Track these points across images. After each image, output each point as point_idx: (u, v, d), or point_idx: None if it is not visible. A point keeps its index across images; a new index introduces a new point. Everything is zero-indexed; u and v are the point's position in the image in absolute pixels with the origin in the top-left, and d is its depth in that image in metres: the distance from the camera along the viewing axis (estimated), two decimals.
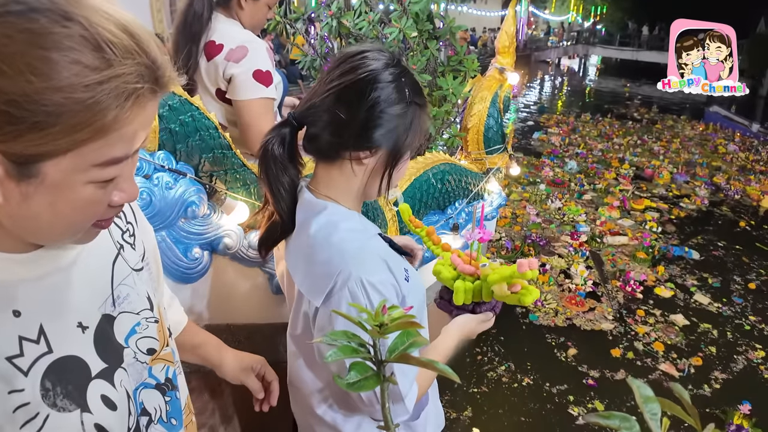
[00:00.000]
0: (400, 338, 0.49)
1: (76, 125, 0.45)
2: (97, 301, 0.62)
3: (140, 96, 0.49)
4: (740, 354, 3.08)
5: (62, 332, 0.57)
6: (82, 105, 0.45)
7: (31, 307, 0.55)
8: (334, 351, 0.45)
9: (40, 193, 0.48)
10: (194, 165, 1.26)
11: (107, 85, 0.46)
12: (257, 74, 1.47)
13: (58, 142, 0.46)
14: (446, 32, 2.12)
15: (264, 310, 1.48)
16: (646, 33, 24.12)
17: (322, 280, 0.86)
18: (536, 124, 9.25)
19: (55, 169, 0.47)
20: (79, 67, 0.44)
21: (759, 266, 4.20)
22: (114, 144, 0.49)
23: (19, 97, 0.43)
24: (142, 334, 0.67)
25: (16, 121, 0.43)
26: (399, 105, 0.87)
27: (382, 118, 0.86)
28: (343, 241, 0.87)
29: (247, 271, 1.41)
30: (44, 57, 0.43)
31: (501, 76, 2.34)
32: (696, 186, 6.05)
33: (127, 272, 0.67)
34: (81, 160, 0.48)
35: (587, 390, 2.74)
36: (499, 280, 0.94)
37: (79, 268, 0.60)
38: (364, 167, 0.90)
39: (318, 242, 0.88)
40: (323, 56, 2.26)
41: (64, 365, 0.57)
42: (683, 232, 4.79)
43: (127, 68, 0.47)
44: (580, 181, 5.86)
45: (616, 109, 11.10)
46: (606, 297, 3.57)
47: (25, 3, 0.44)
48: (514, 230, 4.52)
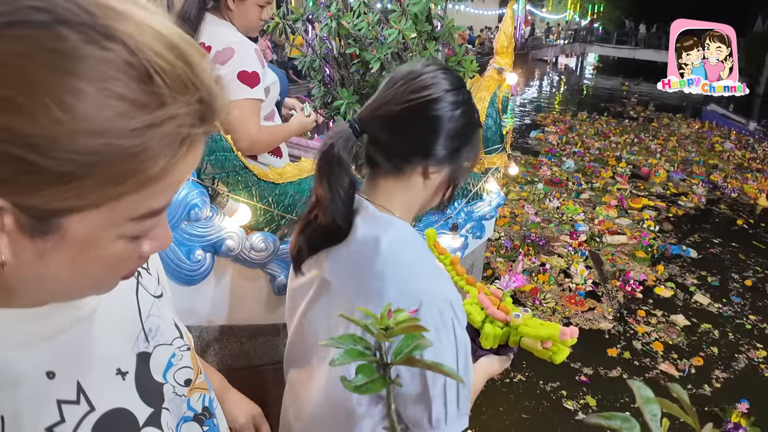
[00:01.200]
0: (405, 341, 0.50)
1: (116, 178, 0.36)
2: (129, 341, 0.56)
3: (196, 140, 0.40)
4: (741, 353, 3.10)
5: (102, 385, 0.51)
6: (126, 153, 0.35)
7: (64, 365, 0.47)
8: (341, 354, 0.47)
9: (60, 250, 0.39)
10: (196, 168, 1.26)
11: (159, 129, 0.36)
12: (242, 75, 1.48)
13: (88, 196, 0.36)
14: (445, 33, 2.13)
15: (266, 310, 1.49)
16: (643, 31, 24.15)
17: (398, 299, 0.81)
18: (533, 122, 9.27)
19: (81, 224, 0.38)
20: (124, 105, 0.34)
21: (755, 263, 4.23)
22: (158, 195, 0.40)
23: (43, 141, 0.33)
24: (178, 365, 0.62)
25: (38, 170, 0.33)
26: (468, 125, 0.90)
27: (456, 136, 0.89)
28: (420, 263, 0.88)
29: (249, 273, 1.42)
30: (77, 89, 0.33)
31: (499, 77, 2.35)
32: (693, 184, 6.07)
33: (151, 301, 0.61)
34: (115, 215, 0.39)
35: (580, 386, 2.75)
36: (534, 338, 0.96)
37: (103, 309, 0.53)
38: (430, 182, 0.91)
39: (390, 260, 0.84)
40: (322, 57, 2.27)
41: (110, 421, 0.50)
42: (680, 231, 4.82)
43: (182, 107, 0.37)
44: (578, 180, 5.88)
45: (612, 108, 11.12)
46: (606, 297, 3.59)
47: (50, 11, 0.33)
48: (513, 230, 4.54)
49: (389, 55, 2.02)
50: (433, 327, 0.80)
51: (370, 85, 2.17)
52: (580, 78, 19.14)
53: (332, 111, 2.21)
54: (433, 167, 0.89)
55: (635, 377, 2.84)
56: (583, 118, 9.56)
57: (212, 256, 1.33)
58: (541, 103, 12.11)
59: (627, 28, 26.89)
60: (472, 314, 1.03)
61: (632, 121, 9.64)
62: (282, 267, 1.44)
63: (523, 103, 11.71)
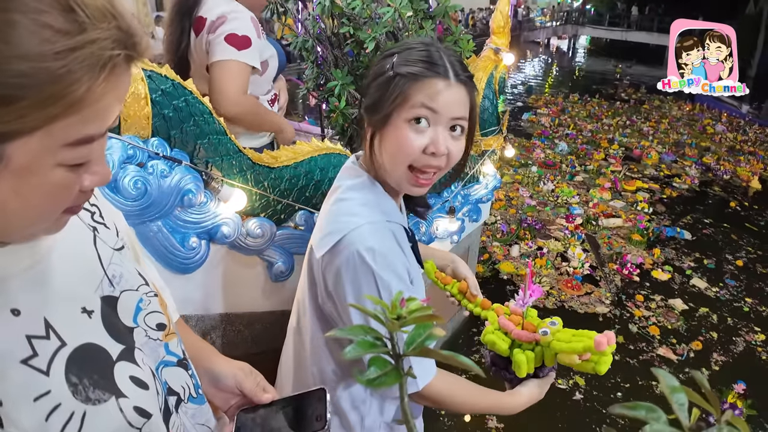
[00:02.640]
0: (416, 331, 0.48)
1: (47, 99, 0.40)
2: (92, 285, 0.58)
3: (116, 65, 0.43)
4: (740, 336, 3.11)
5: (69, 322, 0.53)
6: (53, 75, 0.39)
7: (28, 303, 0.50)
8: (353, 347, 0.44)
9: (4, 179, 0.42)
10: (189, 152, 1.22)
11: (80, 52, 0.40)
12: (230, 37, 1.46)
13: (25, 120, 0.40)
14: (441, 12, 2.08)
15: (263, 298, 1.47)
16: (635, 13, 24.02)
17: (331, 236, 0.88)
18: (525, 105, 9.23)
19: (22, 151, 0.41)
20: (48, 32, 0.39)
21: (747, 244, 4.26)
22: (87, 120, 0.43)
23: (23, 63, 0.37)
24: (147, 309, 0.64)
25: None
26: (383, 76, 0.90)
27: (370, 89, 0.92)
28: (361, 206, 0.91)
29: (246, 260, 1.39)
30: (7, 20, 0.37)
31: (496, 57, 2.31)
32: (686, 166, 6.09)
33: (110, 252, 0.63)
34: (51, 140, 0.42)
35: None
36: (569, 353, 0.87)
37: (60, 253, 0.55)
38: (367, 142, 0.93)
39: (338, 200, 0.94)
40: (315, 37, 2.21)
41: (84, 354, 0.53)
42: (674, 212, 4.84)
43: (101, 33, 0.41)
44: (572, 163, 5.87)
45: (604, 90, 11.10)
46: (604, 281, 3.59)
47: None
48: (509, 213, 4.53)
49: (384, 35, 1.96)
50: (345, 268, 0.85)
51: (364, 66, 2.12)
52: (572, 60, 19.06)
53: (325, 92, 2.16)
54: (367, 126, 0.93)
55: (628, 360, 2.85)
56: (574, 100, 9.53)
57: (207, 243, 1.30)
58: (533, 85, 12.05)
59: (619, 9, 26.73)
60: (497, 344, 0.94)
61: (623, 103, 9.63)
62: (279, 253, 1.40)
63: (515, 85, 11.64)
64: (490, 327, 0.98)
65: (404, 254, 0.91)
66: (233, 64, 1.46)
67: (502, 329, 0.96)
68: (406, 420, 0.47)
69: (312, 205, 1.46)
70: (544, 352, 0.92)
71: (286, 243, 1.41)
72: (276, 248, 1.39)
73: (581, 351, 0.85)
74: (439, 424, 2.35)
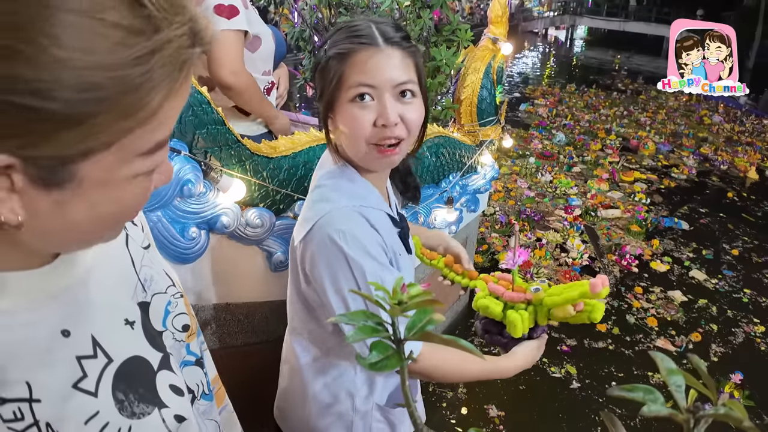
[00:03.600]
0: (417, 316, 0.48)
1: (124, 112, 0.35)
2: (128, 291, 0.56)
3: (191, 63, 0.38)
4: (739, 328, 3.12)
5: (114, 336, 0.52)
6: (132, 84, 0.34)
7: (75, 321, 0.48)
8: (354, 331, 0.45)
9: (79, 197, 0.38)
10: (188, 142, 1.22)
11: (160, 54, 0.35)
12: (218, 8, 1.46)
13: (98, 136, 0.35)
14: (439, 1, 2.07)
15: (263, 288, 1.47)
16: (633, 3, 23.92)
17: (306, 222, 0.90)
18: (522, 95, 9.20)
19: (96, 168, 0.37)
20: (120, 33, 0.33)
21: (743, 233, 4.28)
22: (161, 126, 0.39)
23: (46, 84, 0.31)
24: (174, 312, 0.63)
25: (45, 117, 0.32)
26: (320, 64, 0.90)
27: (315, 80, 0.93)
28: (334, 192, 0.92)
29: (246, 250, 1.39)
30: (73, 22, 0.31)
31: (494, 47, 2.30)
32: (683, 156, 6.10)
33: (141, 252, 0.61)
34: (125, 152, 0.38)
35: (561, 355, 2.77)
36: (564, 303, 0.86)
37: (101, 261, 0.53)
38: (325, 131, 0.95)
39: (315, 186, 0.95)
40: (312, 27, 2.20)
41: (129, 369, 0.51)
42: (671, 202, 4.85)
43: (177, 29, 0.36)
44: (570, 154, 5.87)
45: (601, 80, 11.07)
46: (603, 272, 3.60)
47: None
48: (508, 204, 4.53)
49: None
50: (319, 250, 0.86)
51: None
52: (570, 50, 19.00)
53: None
54: (320, 110, 0.94)
55: (623, 350, 2.87)
56: (571, 91, 9.51)
57: (207, 233, 1.30)
58: (530, 76, 12.02)
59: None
60: (490, 307, 0.94)
61: (620, 93, 9.61)
62: (278, 243, 1.41)
63: (511, 76, 11.60)
64: (480, 293, 0.97)
65: (381, 237, 0.90)
66: (226, 33, 1.46)
67: (493, 294, 0.96)
68: (408, 403, 0.48)
69: None
70: (537, 310, 0.92)
71: (286, 233, 1.41)
72: (275, 238, 1.40)
73: (577, 298, 0.84)
74: (439, 414, 2.37)
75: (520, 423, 2.31)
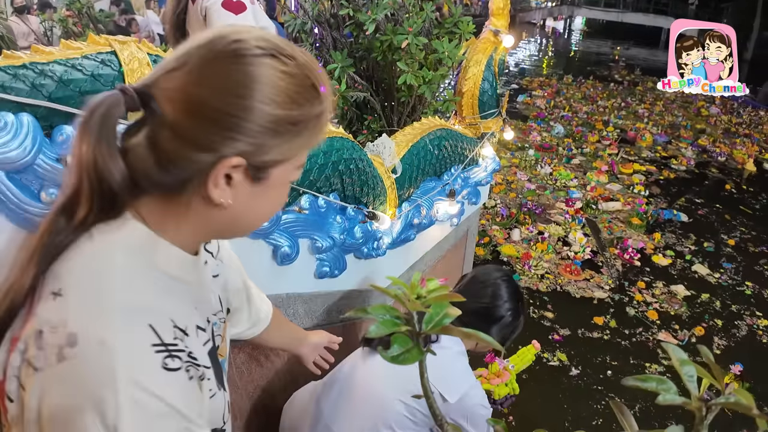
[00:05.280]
0: (434, 310, 0.49)
1: (312, 138, 0.57)
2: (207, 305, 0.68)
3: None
4: (742, 321, 3.14)
5: (214, 326, 0.66)
6: (321, 123, 0.57)
7: (198, 303, 0.62)
8: (376, 325, 0.46)
9: (266, 191, 0.57)
10: None
11: (327, 112, 0.58)
12: (226, 3, 1.49)
13: (293, 151, 0.56)
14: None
15: (269, 281, 1.48)
16: None
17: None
18: (520, 87, 9.19)
19: (278, 172, 0.56)
20: (305, 100, 0.55)
21: (740, 224, 4.31)
22: (311, 147, 0.60)
23: (299, 119, 0.54)
24: (216, 332, 0.71)
25: (269, 144, 0.53)
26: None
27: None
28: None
29: (251, 243, 1.40)
30: (313, 91, 0.55)
31: (495, 39, 2.30)
32: (681, 147, 6.12)
33: (211, 279, 0.71)
34: (292, 164, 0.58)
35: (551, 343, 2.80)
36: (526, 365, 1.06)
37: (206, 274, 0.67)
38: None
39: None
40: (314, 18, 2.19)
41: (214, 353, 0.64)
42: (669, 194, 4.87)
43: (329, 103, 0.59)
44: (569, 146, 5.88)
45: (598, 72, 11.06)
46: (605, 267, 3.57)
47: (267, 48, 0.53)
48: (509, 197, 4.53)
49: (384, 16, 1.95)
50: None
51: (363, 48, 2.11)
52: (568, 41, 18.94)
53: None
54: None
55: (620, 341, 2.90)
56: (569, 82, 9.50)
57: None
58: (528, 68, 11.98)
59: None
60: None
61: (617, 84, 9.60)
62: (285, 237, 1.42)
63: (508, 66, 11.57)
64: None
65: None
66: None
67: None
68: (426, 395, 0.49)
69: (316, 189, 1.46)
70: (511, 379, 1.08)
71: (292, 226, 1.42)
72: (281, 232, 1.40)
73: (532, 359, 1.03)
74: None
75: (527, 410, 2.33)
